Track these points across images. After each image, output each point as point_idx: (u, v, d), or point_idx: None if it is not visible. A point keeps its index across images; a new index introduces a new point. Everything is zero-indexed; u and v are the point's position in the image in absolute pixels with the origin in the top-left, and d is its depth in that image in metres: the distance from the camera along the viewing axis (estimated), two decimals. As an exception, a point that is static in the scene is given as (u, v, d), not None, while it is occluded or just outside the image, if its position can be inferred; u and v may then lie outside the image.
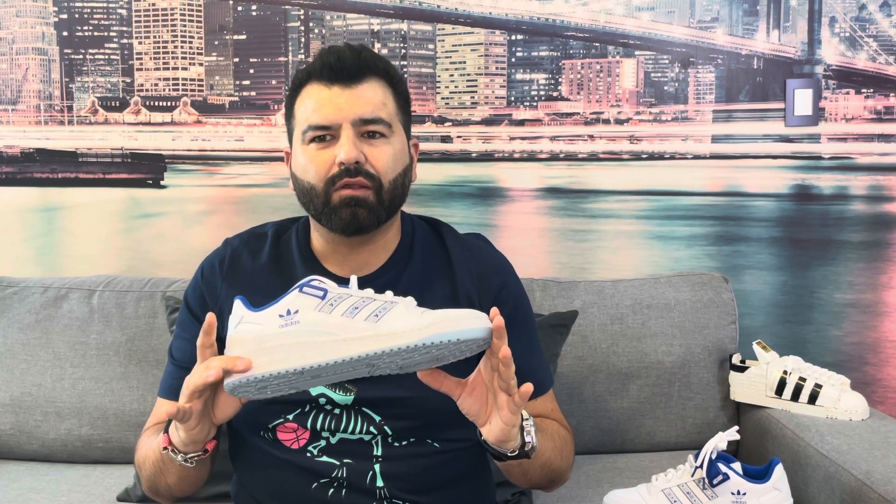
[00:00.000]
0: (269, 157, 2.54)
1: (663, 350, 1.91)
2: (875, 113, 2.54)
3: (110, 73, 2.54)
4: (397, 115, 1.24)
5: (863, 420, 1.68)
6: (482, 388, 1.03)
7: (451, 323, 0.95)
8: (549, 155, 2.58)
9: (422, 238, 1.32)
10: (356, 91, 1.20)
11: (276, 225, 1.35)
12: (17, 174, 2.52)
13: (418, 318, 0.96)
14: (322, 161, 1.19)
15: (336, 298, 0.99)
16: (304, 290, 1.00)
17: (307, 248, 1.29)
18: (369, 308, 0.98)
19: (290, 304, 0.99)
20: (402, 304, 0.98)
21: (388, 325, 0.96)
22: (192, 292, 1.32)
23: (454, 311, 0.96)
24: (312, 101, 1.21)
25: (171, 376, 1.30)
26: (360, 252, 1.26)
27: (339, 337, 0.96)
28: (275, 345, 0.98)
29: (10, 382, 1.86)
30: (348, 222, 1.19)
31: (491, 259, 1.33)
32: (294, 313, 0.98)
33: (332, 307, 0.98)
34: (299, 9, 2.60)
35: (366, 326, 0.96)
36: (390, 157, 1.21)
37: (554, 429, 1.29)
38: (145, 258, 2.50)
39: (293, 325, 0.98)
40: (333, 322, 0.97)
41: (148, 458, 1.21)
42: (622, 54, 2.60)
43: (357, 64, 1.20)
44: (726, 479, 1.36)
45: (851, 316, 2.50)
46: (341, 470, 1.21)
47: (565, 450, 1.29)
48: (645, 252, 2.54)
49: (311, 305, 0.99)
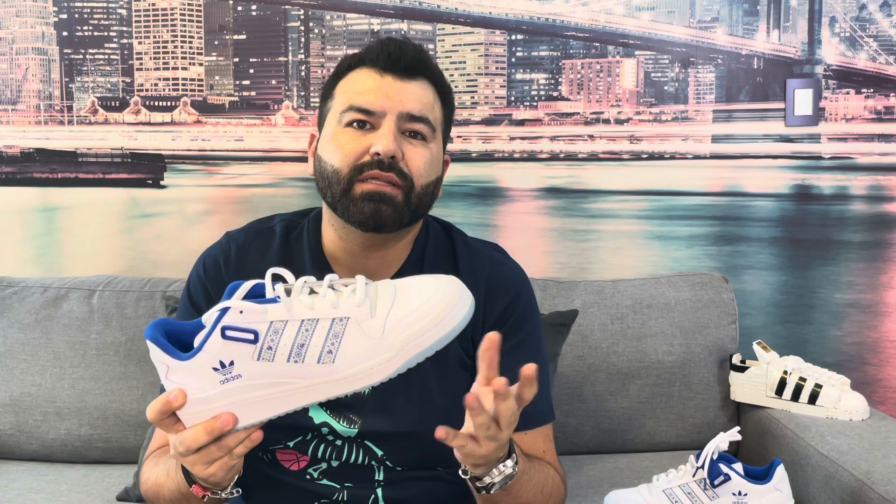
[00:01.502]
0: (269, 157, 2.54)
1: (663, 350, 1.91)
2: (875, 113, 2.54)
3: (110, 73, 2.54)
4: (441, 123, 1.18)
5: (863, 420, 1.68)
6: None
7: (423, 338, 0.83)
8: (549, 155, 2.58)
9: (434, 246, 1.25)
10: (409, 86, 1.14)
11: (286, 221, 1.26)
12: (17, 174, 2.52)
13: (379, 344, 0.82)
14: (355, 146, 1.12)
15: (272, 337, 0.82)
16: (228, 335, 0.82)
17: (318, 248, 1.22)
18: (316, 343, 0.82)
19: (220, 354, 0.83)
20: (353, 321, 0.83)
21: (347, 365, 0.82)
22: (195, 287, 1.23)
23: (423, 305, 0.84)
24: (361, 84, 1.14)
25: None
26: (370, 256, 1.19)
27: (294, 385, 0.84)
28: (223, 404, 0.84)
29: (10, 382, 1.86)
30: (369, 216, 1.10)
31: (502, 274, 1.24)
32: (230, 365, 0.83)
33: (271, 352, 0.83)
34: (299, 9, 2.59)
35: (322, 371, 0.83)
36: (427, 160, 1.15)
37: (548, 472, 1.21)
38: (145, 258, 2.50)
39: (234, 381, 0.83)
40: (280, 370, 0.83)
41: (165, 486, 1.10)
42: (622, 54, 2.60)
43: (417, 59, 1.14)
44: (727, 479, 1.36)
45: (851, 316, 2.50)
46: (342, 493, 1.18)
47: (552, 499, 1.20)
48: (645, 252, 2.54)
49: (246, 354, 0.83)
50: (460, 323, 0.85)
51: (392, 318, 0.83)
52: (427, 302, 0.84)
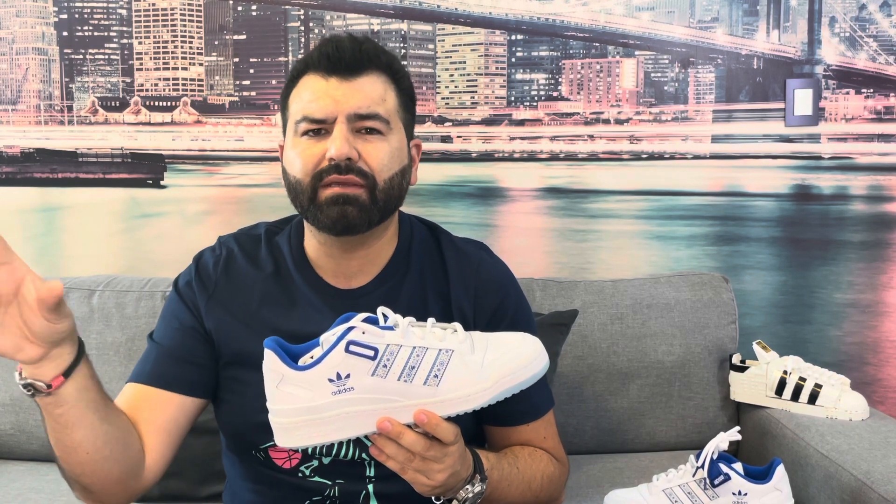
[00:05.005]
0: (269, 157, 2.54)
1: (663, 350, 1.91)
2: (875, 113, 2.54)
3: (110, 73, 2.54)
4: (397, 112, 1.17)
5: (863, 420, 1.68)
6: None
7: (513, 376, 0.94)
8: (549, 155, 2.58)
9: (419, 246, 1.26)
10: (354, 84, 1.13)
11: (268, 226, 1.29)
12: (17, 174, 2.52)
13: (478, 375, 0.94)
14: (311, 155, 1.13)
15: (388, 356, 0.93)
16: (352, 350, 0.92)
17: (300, 254, 1.23)
18: (425, 367, 0.93)
19: (339, 367, 0.92)
20: (457, 354, 0.94)
21: (449, 389, 0.93)
22: (184, 283, 1.24)
23: (513, 351, 0.95)
24: (308, 92, 1.14)
25: (147, 361, 1.21)
26: (353, 258, 1.20)
27: (399, 404, 0.93)
28: (332, 415, 0.93)
29: (10, 382, 1.86)
30: (336, 220, 1.12)
31: (490, 273, 1.26)
32: (346, 377, 0.92)
33: (386, 369, 0.93)
34: (299, 9, 2.60)
35: (426, 392, 0.93)
36: (386, 154, 1.14)
37: (539, 465, 1.23)
38: (145, 258, 2.50)
39: (347, 393, 0.93)
40: (391, 388, 0.93)
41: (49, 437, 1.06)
42: (622, 54, 2.60)
43: (357, 55, 1.14)
44: (727, 479, 1.36)
45: (851, 316, 2.50)
46: (333, 489, 1.19)
47: (544, 492, 1.23)
48: (645, 252, 2.54)
49: (364, 369, 0.93)
50: (541, 370, 0.98)
51: (489, 357, 0.96)
52: (517, 348, 0.98)
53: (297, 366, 0.93)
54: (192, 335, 1.21)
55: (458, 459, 1.01)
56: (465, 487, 1.06)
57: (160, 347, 1.22)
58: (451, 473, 1.01)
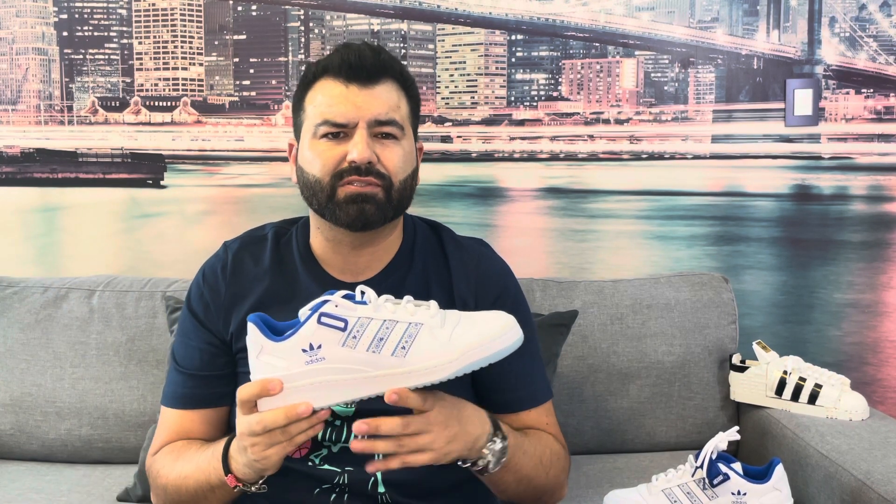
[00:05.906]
0: (269, 157, 2.54)
1: (663, 350, 1.91)
2: (875, 113, 2.54)
3: (110, 73, 2.54)
4: (408, 118, 1.24)
5: (863, 420, 1.68)
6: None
7: (481, 349, 0.96)
8: (549, 155, 2.58)
9: (422, 242, 1.31)
10: (373, 91, 1.19)
11: (275, 227, 1.34)
12: (17, 174, 2.52)
13: (446, 347, 0.96)
14: (331, 156, 1.19)
15: (358, 328, 0.97)
16: (323, 321, 0.97)
17: (307, 251, 1.29)
18: (394, 338, 0.97)
19: (312, 338, 0.97)
20: (426, 327, 0.97)
21: (416, 360, 0.96)
22: (195, 298, 1.30)
23: (483, 326, 0.96)
24: (328, 96, 1.20)
25: (178, 385, 1.29)
26: (361, 254, 1.25)
27: (367, 374, 0.97)
28: (303, 384, 0.97)
29: (10, 382, 1.86)
30: (355, 217, 1.18)
31: (490, 267, 1.32)
32: (317, 348, 0.97)
33: (355, 340, 0.97)
34: (299, 9, 2.60)
35: (394, 363, 0.96)
36: (401, 157, 1.21)
37: (545, 443, 1.27)
38: (145, 258, 2.50)
39: (319, 363, 0.97)
40: (359, 358, 0.97)
41: (191, 478, 1.17)
42: (622, 54, 2.60)
43: (377, 64, 1.20)
44: (727, 479, 1.36)
45: (851, 316, 2.50)
46: (343, 476, 1.21)
47: (553, 468, 1.26)
48: (645, 252, 2.54)
49: (335, 340, 0.97)
50: (512, 345, 0.98)
51: (458, 331, 0.98)
52: (487, 324, 0.99)
53: (276, 337, 0.99)
54: (210, 351, 1.28)
55: (451, 421, 1.03)
56: (486, 445, 1.09)
57: (180, 368, 1.29)
58: (453, 437, 1.04)
